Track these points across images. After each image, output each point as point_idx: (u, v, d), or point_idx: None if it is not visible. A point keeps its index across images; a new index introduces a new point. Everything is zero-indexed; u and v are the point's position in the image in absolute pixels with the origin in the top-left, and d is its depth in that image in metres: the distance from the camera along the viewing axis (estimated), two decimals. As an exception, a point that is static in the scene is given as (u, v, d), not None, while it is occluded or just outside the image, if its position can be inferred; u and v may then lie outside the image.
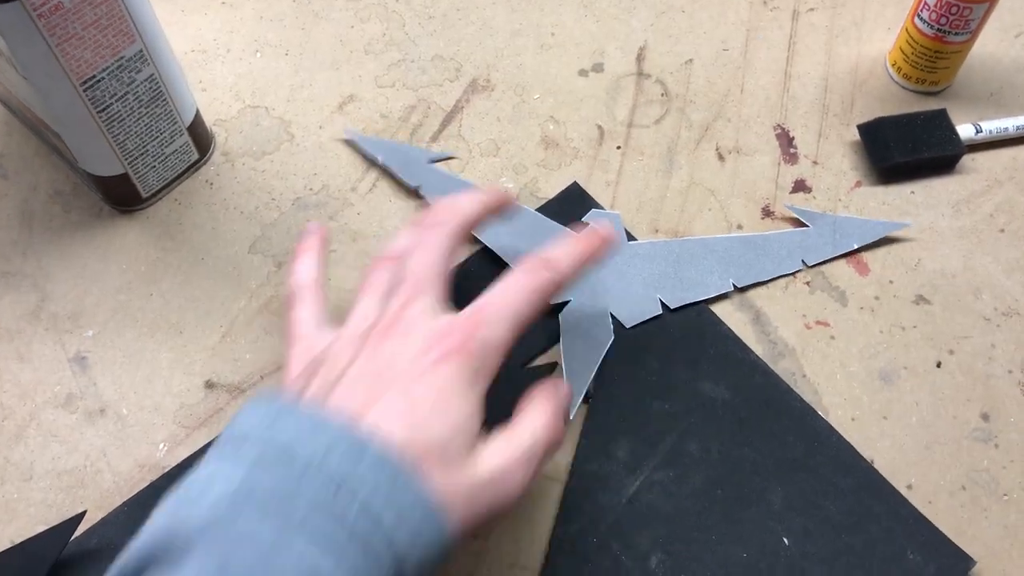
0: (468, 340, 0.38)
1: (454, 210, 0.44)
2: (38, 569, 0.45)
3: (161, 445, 0.50)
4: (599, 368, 0.51)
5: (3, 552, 0.45)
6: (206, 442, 0.49)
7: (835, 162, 0.58)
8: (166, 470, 0.49)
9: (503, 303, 0.39)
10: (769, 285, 0.54)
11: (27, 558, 0.45)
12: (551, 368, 0.51)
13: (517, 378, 0.51)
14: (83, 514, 0.46)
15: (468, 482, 0.36)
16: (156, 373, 0.52)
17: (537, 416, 0.40)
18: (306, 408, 0.35)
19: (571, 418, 0.49)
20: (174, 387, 0.51)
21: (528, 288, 0.40)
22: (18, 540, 0.46)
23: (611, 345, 0.51)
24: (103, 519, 0.47)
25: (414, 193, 0.57)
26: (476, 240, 0.54)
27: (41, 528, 0.46)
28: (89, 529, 0.47)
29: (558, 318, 0.52)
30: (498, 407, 0.50)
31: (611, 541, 0.47)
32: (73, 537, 0.46)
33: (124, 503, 0.48)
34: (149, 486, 0.48)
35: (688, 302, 0.53)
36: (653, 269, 0.54)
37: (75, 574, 0.46)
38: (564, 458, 0.49)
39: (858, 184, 0.57)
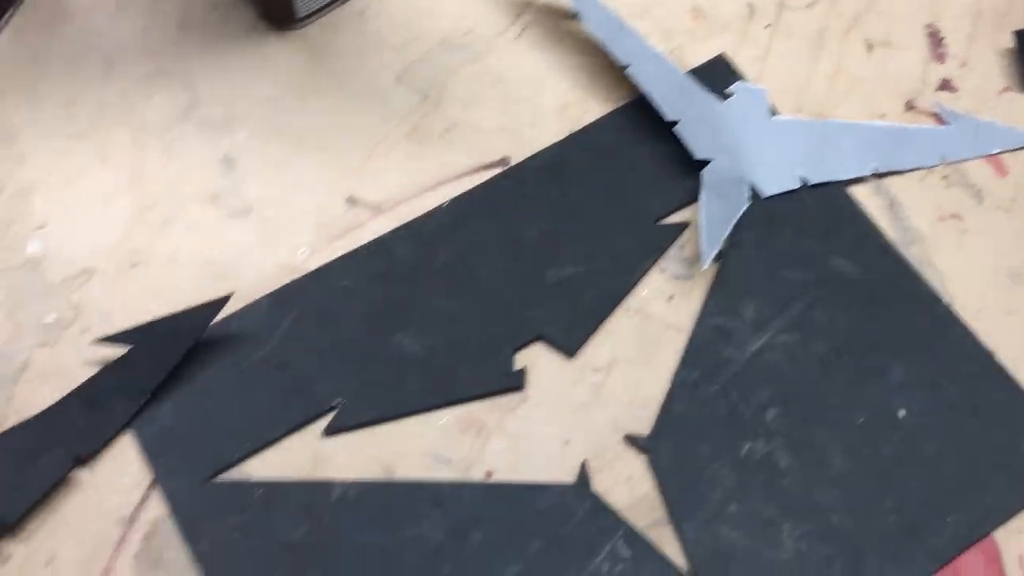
0: None
1: None
2: (183, 342, 0.47)
3: (302, 249, 0.51)
4: (732, 231, 0.51)
5: (150, 323, 0.47)
6: (345, 252, 0.51)
7: (984, 66, 0.58)
8: (306, 272, 0.50)
9: None
10: (906, 175, 0.54)
11: (173, 331, 0.47)
12: (683, 227, 0.52)
13: (648, 233, 0.52)
14: (229, 296, 0.47)
15: None
16: (300, 183, 0.53)
17: None
18: None
19: (704, 267, 0.50)
20: (317, 198, 0.53)
21: None
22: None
23: (746, 211, 0.52)
24: (243, 308, 0.49)
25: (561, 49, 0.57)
26: (631, 86, 0.55)
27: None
28: (228, 316, 0.49)
29: (699, 176, 0.52)
30: (624, 259, 0.51)
31: (731, 390, 0.48)
32: (213, 322, 0.48)
33: (264, 297, 0.49)
34: (288, 284, 0.50)
35: (826, 180, 0.53)
36: (795, 145, 0.54)
37: (214, 354, 0.48)
38: (691, 310, 0.50)
39: (1006, 89, 0.57)
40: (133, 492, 0.45)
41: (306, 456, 0.46)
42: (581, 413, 0.48)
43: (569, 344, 0.49)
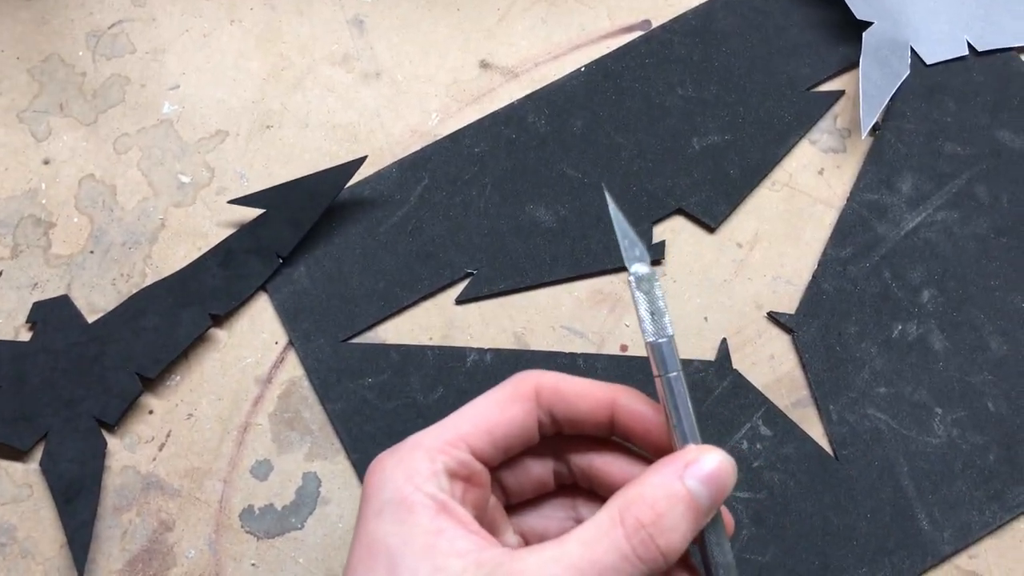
0: None
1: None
2: (318, 204, 0.46)
3: (433, 114, 0.50)
4: (890, 101, 0.48)
5: (284, 184, 0.47)
6: (476, 118, 0.49)
7: None
8: (437, 138, 0.49)
9: None
10: (1086, 43, 0.50)
11: (308, 193, 0.46)
12: (837, 96, 0.49)
13: (799, 101, 0.49)
14: (364, 158, 0.47)
15: None
16: (432, 46, 0.51)
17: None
18: None
19: (863, 136, 0.47)
20: (449, 61, 0.51)
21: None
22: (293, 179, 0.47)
23: (906, 80, 0.48)
24: (376, 173, 0.48)
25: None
26: None
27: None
28: (361, 180, 0.48)
29: (855, 41, 0.49)
30: (771, 129, 0.48)
31: (883, 269, 0.45)
32: (346, 186, 0.47)
33: (395, 162, 0.48)
34: (420, 150, 0.48)
35: (997, 47, 0.49)
36: (963, 7, 0.50)
37: (347, 218, 0.47)
38: (842, 184, 0.47)
39: None
40: (269, 352, 0.45)
41: (439, 323, 0.46)
42: (722, 288, 0.46)
43: (711, 217, 0.47)
